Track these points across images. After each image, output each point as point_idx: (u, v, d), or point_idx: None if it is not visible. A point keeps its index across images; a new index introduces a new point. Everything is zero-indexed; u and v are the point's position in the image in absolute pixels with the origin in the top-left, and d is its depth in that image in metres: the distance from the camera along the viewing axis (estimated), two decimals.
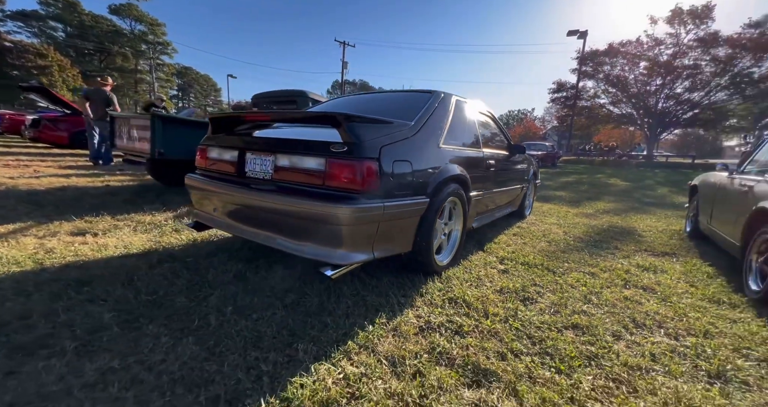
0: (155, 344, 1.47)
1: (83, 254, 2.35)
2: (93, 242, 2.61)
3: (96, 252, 2.41)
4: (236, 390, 1.25)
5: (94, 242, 2.61)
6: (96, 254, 2.37)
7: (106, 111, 6.37)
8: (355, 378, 1.34)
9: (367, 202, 1.72)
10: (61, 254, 2.31)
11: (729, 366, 1.56)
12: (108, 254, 2.39)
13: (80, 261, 2.23)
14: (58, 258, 2.25)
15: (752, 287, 2.40)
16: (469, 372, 1.43)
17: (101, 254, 2.38)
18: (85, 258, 2.30)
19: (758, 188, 2.60)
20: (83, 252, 2.37)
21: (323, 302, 1.92)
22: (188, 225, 2.52)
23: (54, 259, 2.22)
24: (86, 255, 2.33)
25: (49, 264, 2.14)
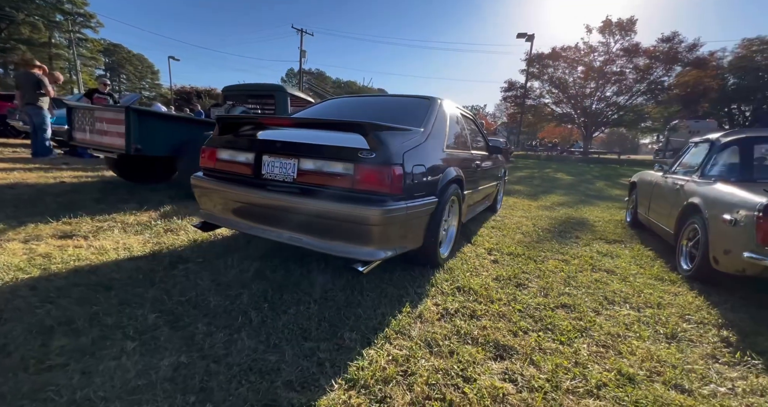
0: (211, 340, 1.55)
1: (86, 258, 2.27)
2: (87, 245, 2.51)
3: (98, 255, 2.34)
4: (304, 375, 1.40)
5: (88, 245, 2.51)
6: (100, 257, 2.31)
7: (37, 95, 5.79)
8: (403, 358, 1.55)
9: (394, 204, 1.92)
10: (62, 259, 2.22)
11: (679, 329, 2.00)
12: (112, 257, 2.33)
13: (88, 266, 2.16)
14: (60, 263, 2.16)
15: (684, 266, 2.97)
16: (491, 348, 1.70)
17: (105, 257, 2.32)
18: (90, 262, 2.23)
19: (687, 187, 3.18)
20: (85, 256, 2.29)
21: (348, 296, 2.09)
22: (195, 226, 2.52)
23: (57, 264, 2.14)
24: (90, 259, 2.26)
25: (56, 270, 2.06)
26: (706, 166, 3.13)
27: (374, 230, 1.90)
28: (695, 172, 3.24)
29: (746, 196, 2.37)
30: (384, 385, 1.38)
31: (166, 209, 3.68)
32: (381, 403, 1.29)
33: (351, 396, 1.31)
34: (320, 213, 1.98)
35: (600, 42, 25.13)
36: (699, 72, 23.88)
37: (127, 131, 3.75)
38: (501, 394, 1.37)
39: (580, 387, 1.43)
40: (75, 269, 2.10)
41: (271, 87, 5.54)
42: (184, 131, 4.23)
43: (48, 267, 2.09)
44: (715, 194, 2.71)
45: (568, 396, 1.38)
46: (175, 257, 2.42)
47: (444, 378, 1.44)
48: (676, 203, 3.28)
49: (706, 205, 2.73)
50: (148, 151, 3.92)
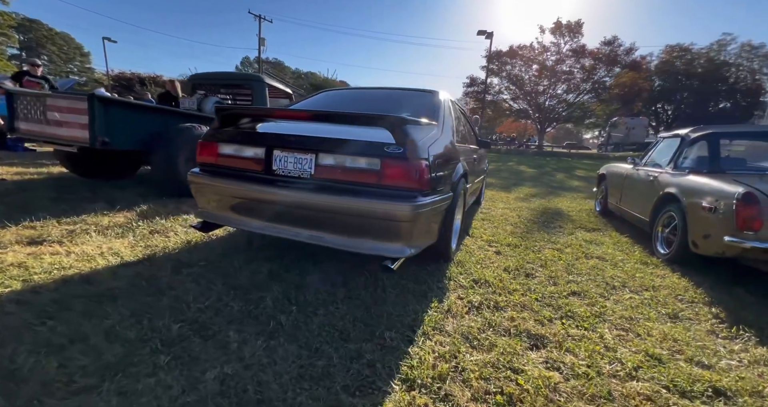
0: (250, 348, 1.44)
1: (71, 266, 2.01)
2: (66, 251, 2.22)
3: (84, 262, 2.08)
4: (359, 379, 1.35)
5: (67, 251, 2.22)
6: (87, 265, 2.05)
7: None
8: (449, 355, 1.54)
9: (422, 199, 1.88)
10: (42, 268, 1.95)
11: (677, 309, 2.18)
12: (102, 264, 2.08)
13: (77, 275, 1.92)
14: (42, 272, 1.90)
15: (661, 251, 3.25)
16: (525, 338, 1.74)
17: (93, 264, 2.07)
18: (77, 270, 1.97)
19: (662, 178, 3.47)
20: (69, 264, 2.03)
21: (372, 294, 2.04)
22: (194, 226, 2.33)
23: (39, 274, 1.87)
24: (76, 267, 2.01)
25: (40, 281, 1.80)
26: (678, 158, 3.42)
27: (404, 226, 1.86)
28: (668, 164, 3.54)
29: (723, 186, 2.62)
30: (441, 383, 1.36)
31: (143, 209, 3.36)
32: (445, 402, 1.27)
33: (414, 396, 1.28)
34: (345, 209, 1.90)
35: (552, 42, 26.60)
36: (634, 74, 26.10)
37: (91, 122, 3.35)
38: (552, 383, 1.41)
39: (620, 371, 1.51)
40: (63, 279, 1.85)
41: (247, 76, 5.23)
42: (156, 122, 3.87)
43: (29, 278, 1.82)
44: (691, 184, 2.98)
45: (612, 381, 1.45)
46: (174, 261, 2.22)
47: (495, 372, 1.45)
48: (650, 193, 3.56)
49: (683, 195, 2.99)
50: (116, 144, 3.54)
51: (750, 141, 3.49)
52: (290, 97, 6.03)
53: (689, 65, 34.88)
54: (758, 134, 3.53)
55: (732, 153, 3.46)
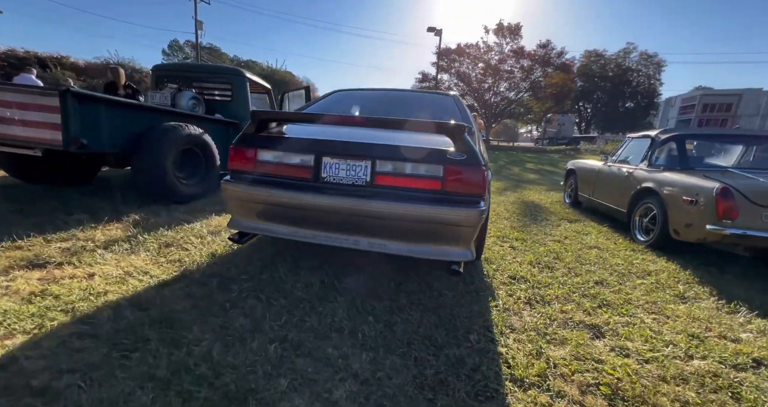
0: (357, 363, 1.41)
1: (109, 291, 1.79)
2: (84, 274, 1.95)
3: (118, 285, 1.85)
4: (473, 383, 1.39)
5: (85, 274, 1.95)
6: (123, 287, 1.83)
7: None
8: (535, 352, 1.64)
9: (483, 204, 1.95)
10: (77, 295, 1.71)
11: (681, 290, 2.51)
12: (140, 286, 1.87)
13: (122, 300, 1.71)
14: (80, 300, 1.67)
15: (640, 238, 3.68)
16: (584, 328, 1.91)
17: (130, 286, 1.85)
18: (119, 294, 1.76)
19: (637, 174, 3.91)
20: (104, 288, 1.80)
21: (431, 298, 2.08)
22: (232, 239, 2.17)
23: (79, 303, 1.64)
24: (116, 292, 1.79)
25: (86, 310, 1.59)
26: (651, 157, 3.88)
27: (469, 231, 1.91)
28: (641, 161, 4.00)
29: (700, 182, 3.05)
30: (547, 380, 1.45)
31: (135, 218, 3.02)
32: (561, 398, 1.36)
33: (534, 395, 1.35)
34: (409, 217, 1.90)
35: (495, 42, 28.10)
36: (564, 75, 28.60)
37: (65, 121, 2.91)
38: (634, 370, 1.56)
39: (678, 352, 1.72)
40: (110, 306, 1.63)
41: (226, 70, 4.84)
42: (138, 121, 3.47)
43: (71, 308, 1.58)
44: (668, 180, 3.41)
45: (677, 362, 1.64)
46: (214, 276, 2.05)
47: (582, 364, 1.58)
48: (627, 187, 4.01)
49: (661, 189, 3.41)
50: (96, 146, 3.12)
51: (704, 141, 4.06)
52: (269, 93, 5.72)
53: (603, 69, 40.01)
54: (712, 136, 4.12)
55: (689, 152, 4.02)
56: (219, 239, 2.73)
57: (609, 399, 1.36)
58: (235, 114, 4.82)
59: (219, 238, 2.74)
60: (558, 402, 1.34)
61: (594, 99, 42.30)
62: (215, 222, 3.15)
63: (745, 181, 2.97)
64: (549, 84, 28.75)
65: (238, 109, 4.85)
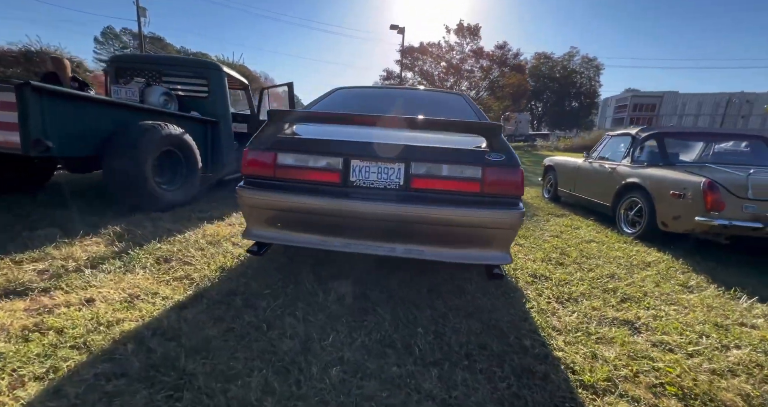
0: (428, 382, 1.31)
1: (120, 318, 1.54)
2: (83, 299, 1.66)
3: (129, 311, 1.60)
4: (548, 393, 1.34)
5: (86, 299, 1.66)
6: (137, 313, 1.59)
7: None
8: (590, 355, 1.63)
9: (522, 206, 1.92)
10: (84, 327, 1.47)
11: (682, 279, 2.65)
12: (154, 310, 1.63)
13: (142, 328, 1.48)
14: (92, 333, 1.42)
15: (626, 230, 3.88)
16: (621, 324, 1.93)
17: (143, 312, 1.60)
18: (134, 322, 1.52)
19: (620, 169, 4.13)
20: (114, 316, 1.55)
21: (468, 303, 2.02)
22: (251, 251, 1.96)
23: (93, 336, 1.39)
24: (129, 318, 1.55)
25: (102, 345, 1.34)
26: (633, 154, 4.11)
27: (510, 234, 1.88)
28: (624, 158, 4.22)
29: (687, 177, 3.26)
30: (614, 383, 1.44)
31: (116, 231, 2.67)
32: (636, 402, 1.34)
33: (613, 403, 1.33)
34: (449, 221, 1.83)
35: (456, 42, 28.77)
36: (520, 76, 30.00)
37: (23, 121, 2.49)
38: (687, 366, 1.57)
39: (715, 343, 1.78)
40: (130, 337, 1.39)
41: (201, 63, 4.41)
42: (111, 120, 3.07)
43: (82, 344, 1.33)
44: (654, 176, 3.61)
45: (718, 354, 1.69)
46: (234, 294, 1.85)
47: (637, 363, 1.58)
48: (610, 182, 4.21)
49: (647, 184, 3.61)
50: (63, 149, 2.71)
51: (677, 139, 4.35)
52: (246, 89, 5.35)
53: (551, 71, 42.70)
54: (685, 134, 4.42)
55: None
56: (221, 251, 2.48)
57: (681, 399, 1.38)
58: (212, 111, 4.45)
59: (221, 250, 2.50)
60: (633, 404, 1.33)
61: (544, 98, 44.97)
62: (210, 231, 2.87)
63: (723, 174, 3.21)
64: (506, 84, 30.00)
65: (215, 106, 4.48)
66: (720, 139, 4.33)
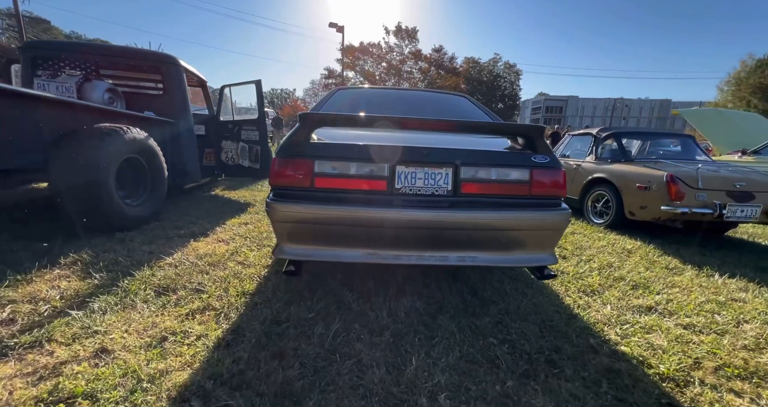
0: (527, 397, 1.26)
1: (160, 369, 1.21)
2: (94, 350, 1.30)
3: (164, 358, 1.28)
4: (652, 394, 1.38)
5: (98, 350, 1.30)
6: (177, 361, 1.27)
7: None
8: (647, 343, 1.71)
9: (565, 205, 1.96)
10: (128, 386, 1.12)
11: (666, 263, 2.96)
12: (197, 354, 1.33)
13: (199, 379, 1.17)
14: (140, 392, 1.08)
15: (596, 221, 4.25)
16: (646, 311, 2.07)
17: (184, 359, 1.30)
18: (184, 374, 1.21)
19: (585, 166, 4.50)
20: (154, 368, 1.22)
21: (514, 304, 2.01)
22: (289, 273, 1.73)
23: (141, 396, 1.06)
24: (175, 369, 1.22)
25: (158, 404, 1.03)
26: (596, 151, 4.51)
27: (557, 235, 1.90)
28: (588, 155, 4.61)
29: (649, 171, 3.66)
30: (687, 372, 1.51)
31: (82, 258, 2.19)
32: (715, 389, 1.42)
33: (698, 392, 1.40)
34: (501, 225, 1.80)
35: (395, 44, 29.42)
36: (455, 78, 31.74)
37: None
38: (724, 345, 1.71)
39: (729, 320, 1.98)
40: (188, 391, 1.11)
41: (152, 55, 3.80)
42: (58, 121, 2.50)
43: None
44: (619, 171, 3.99)
45: (735, 330, 1.89)
46: (279, 323, 1.61)
47: (690, 348, 1.69)
48: (577, 178, 4.58)
49: (614, 178, 3.99)
50: None
51: (630, 139, 4.88)
52: (203, 86, 4.79)
53: (479, 74, 45.81)
54: (636, 134, 4.97)
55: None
56: (231, 273, 2.17)
57: (744, 379, 1.50)
58: (169, 111, 3.89)
59: (230, 272, 2.18)
60: (722, 394, 1.39)
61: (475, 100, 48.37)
62: (202, 250, 2.50)
63: (676, 168, 3.67)
64: (444, 85, 31.45)
65: (173, 105, 3.93)
66: (658, 138, 4.95)
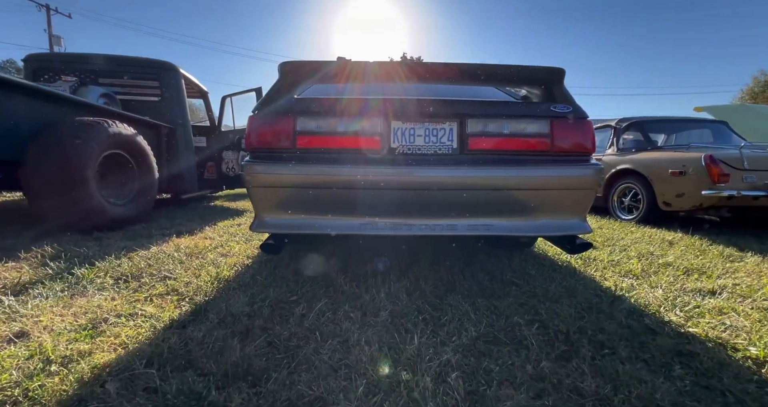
0: (584, 380, 0.90)
1: (98, 348, 0.92)
2: (22, 331, 1.02)
3: (105, 338, 0.99)
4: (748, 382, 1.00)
5: (30, 331, 1.03)
6: (118, 342, 0.98)
7: None
8: (721, 324, 1.34)
9: (595, 161, 1.65)
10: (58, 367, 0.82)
11: (716, 251, 2.53)
12: (141, 333, 1.03)
13: (139, 354, 0.88)
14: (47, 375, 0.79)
15: (624, 217, 3.83)
16: (710, 294, 1.68)
17: (124, 337, 1.00)
18: (113, 353, 0.91)
19: (607, 159, 4.14)
20: (93, 347, 0.93)
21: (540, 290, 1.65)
22: (267, 249, 1.45)
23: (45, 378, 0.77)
24: (112, 348, 0.93)
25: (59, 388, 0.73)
26: (618, 142, 4.18)
27: (588, 195, 1.58)
28: (609, 148, 4.27)
29: (684, 155, 3.29)
30: None
31: (47, 253, 1.96)
32: None
33: None
34: (519, 185, 1.50)
35: None
36: None
37: None
38: None
39: None
40: (109, 373, 0.81)
41: (149, 62, 3.77)
42: (34, 114, 2.38)
43: (21, 397, 0.72)
44: (647, 159, 3.63)
45: None
46: (250, 305, 1.30)
47: None
48: None
49: (641, 168, 3.62)
50: None
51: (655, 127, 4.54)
52: (205, 96, 4.76)
53: None
54: (660, 121, 4.61)
55: None
56: (209, 261, 1.90)
57: None
58: (166, 118, 3.80)
59: (209, 261, 1.91)
60: None
61: None
62: (185, 244, 2.24)
63: (714, 151, 3.29)
64: None
65: (170, 111, 3.85)
66: (685, 126, 4.57)
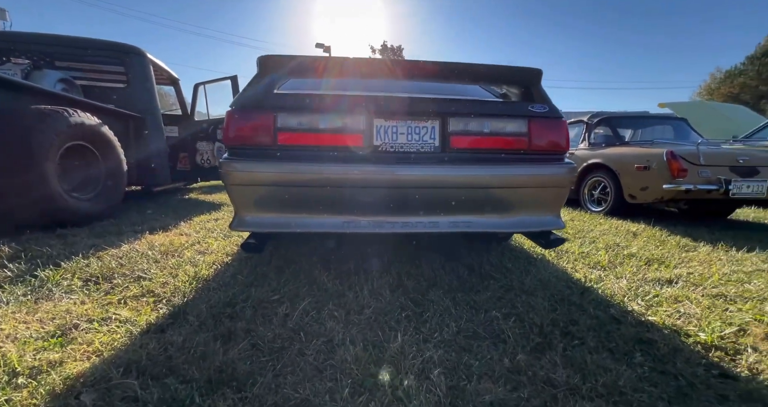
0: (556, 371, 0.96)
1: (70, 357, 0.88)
2: None
3: (77, 346, 0.95)
4: (699, 364, 1.10)
5: None
6: (92, 349, 0.95)
7: None
8: (676, 312, 1.45)
9: (569, 160, 1.71)
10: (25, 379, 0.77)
11: (674, 242, 2.72)
12: (117, 339, 1.00)
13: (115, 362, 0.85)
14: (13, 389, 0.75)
15: (594, 209, 4.02)
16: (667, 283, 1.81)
17: (98, 344, 0.97)
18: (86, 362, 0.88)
19: (579, 153, 4.31)
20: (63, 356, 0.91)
21: (516, 283, 1.73)
22: (248, 248, 1.44)
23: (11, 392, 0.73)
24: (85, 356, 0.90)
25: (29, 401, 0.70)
26: (589, 138, 4.34)
27: (562, 193, 1.66)
28: (580, 143, 4.43)
29: (648, 151, 3.47)
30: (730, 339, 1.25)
31: (3, 251, 1.84)
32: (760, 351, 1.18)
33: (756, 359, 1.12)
34: (499, 183, 1.55)
35: None
36: None
37: None
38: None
39: (763, 289, 1.74)
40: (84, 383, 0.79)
41: (114, 46, 3.52)
42: None
43: None
44: (615, 154, 3.81)
45: None
46: (231, 306, 1.29)
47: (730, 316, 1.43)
48: None
49: (610, 162, 3.79)
50: None
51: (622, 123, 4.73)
52: (176, 84, 4.54)
53: None
54: (627, 118, 4.81)
55: None
56: (186, 260, 1.85)
57: None
58: (133, 106, 3.60)
59: (186, 259, 1.86)
60: None
61: None
62: (159, 241, 2.17)
63: (674, 147, 3.50)
64: None
65: (138, 99, 3.65)
66: (650, 122, 4.81)
